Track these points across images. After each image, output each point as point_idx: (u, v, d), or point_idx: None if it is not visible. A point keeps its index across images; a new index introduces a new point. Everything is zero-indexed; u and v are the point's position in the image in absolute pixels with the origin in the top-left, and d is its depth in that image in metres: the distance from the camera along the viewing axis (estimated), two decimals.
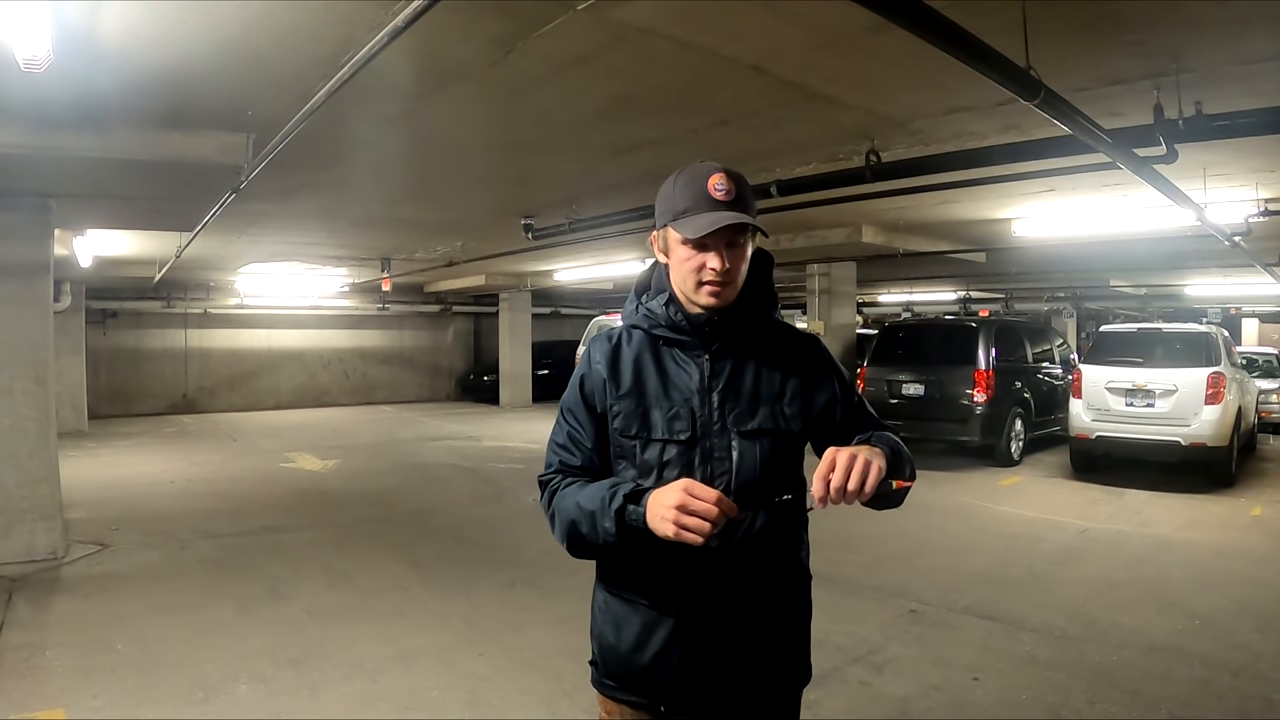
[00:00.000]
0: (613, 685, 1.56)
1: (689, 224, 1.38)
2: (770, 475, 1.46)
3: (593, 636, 1.61)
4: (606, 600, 1.57)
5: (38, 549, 5.23)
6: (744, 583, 1.46)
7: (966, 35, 2.31)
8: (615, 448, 1.51)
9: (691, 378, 1.48)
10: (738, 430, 1.46)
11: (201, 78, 3.63)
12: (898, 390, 9.62)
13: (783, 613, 1.53)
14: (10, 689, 3.35)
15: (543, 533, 6.48)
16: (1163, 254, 9.91)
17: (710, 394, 1.47)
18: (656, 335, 1.51)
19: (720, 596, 1.45)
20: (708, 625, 1.46)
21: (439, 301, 17.85)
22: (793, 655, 1.56)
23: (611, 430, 1.50)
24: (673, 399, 1.47)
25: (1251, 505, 7.19)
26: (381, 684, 3.48)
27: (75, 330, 12.23)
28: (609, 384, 1.50)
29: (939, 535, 6.15)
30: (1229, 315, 17.90)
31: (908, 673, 3.63)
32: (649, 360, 1.51)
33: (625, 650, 1.51)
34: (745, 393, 1.48)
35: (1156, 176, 4.03)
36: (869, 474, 1.27)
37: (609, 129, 4.66)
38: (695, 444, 1.46)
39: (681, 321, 1.48)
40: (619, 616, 1.53)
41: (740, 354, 1.49)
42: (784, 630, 1.54)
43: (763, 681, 1.51)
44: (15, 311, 5.33)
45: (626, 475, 1.48)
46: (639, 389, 1.49)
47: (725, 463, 1.45)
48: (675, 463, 1.45)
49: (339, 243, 9.91)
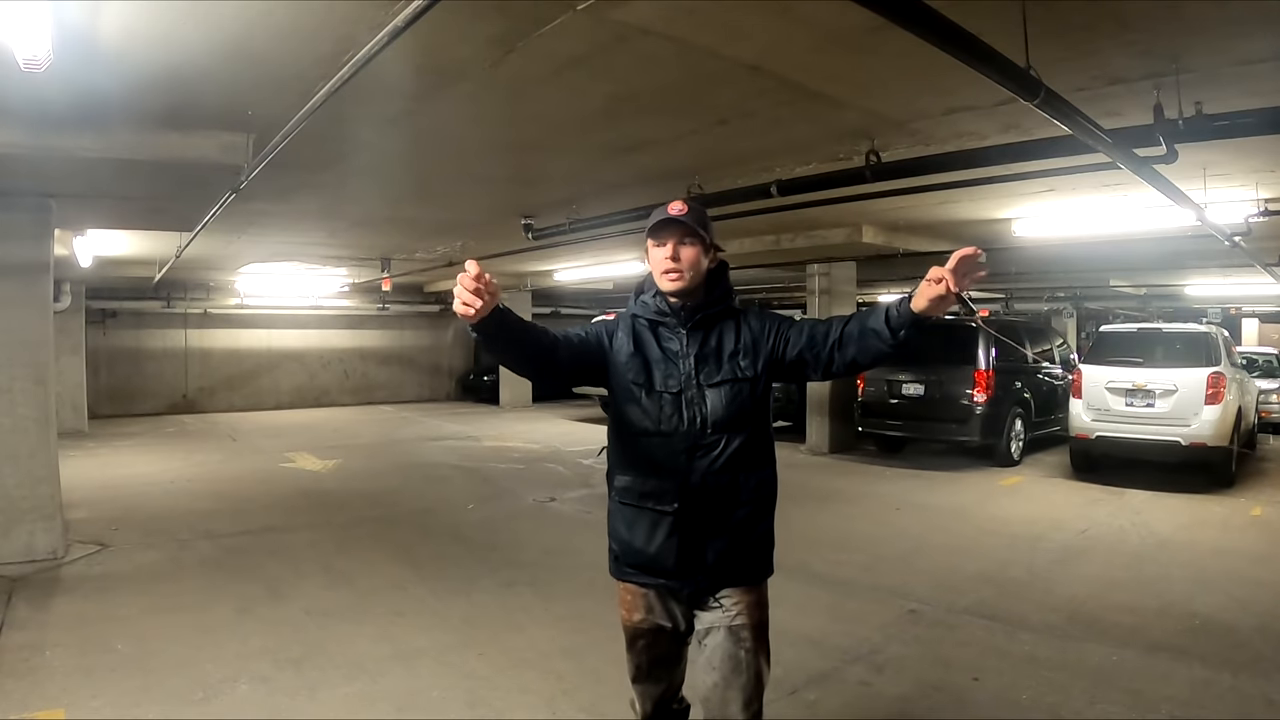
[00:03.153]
0: (631, 571, 2.13)
1: (651, 229, 2.08)
2: (733, 413, 2.04)
3: (610, 536, 2.18)
4: (620, 508, 2.14)
5: (38, 549, 5.23)
6: (721, 491, 2.04)
7: (966, 35, 2.31)
8: (623, 392, 2.10)
9: (677, 347, 2.09)
10: (707, 383, 2.06)
11: (201, 78, 3.63)
12: (898, 390, 9.62)
13: (754, 512, 2.08)
14: (10, 689, 3.35)
15: (543, 533, 6.49)
16: (1163, 254, 9.90)
17: (689, 358, 2.07)
18: (650, 319, 2.13)
19: (705, 502, 2.03)
20: (696, 523, 2.03)
21: (439, 301, 17.83)
22: (758, 549, 2.12)
23: (624, 380, 2.09)
24: (665, 362, 2.08)
25: (1251, 505, 7.19)
26: (381, 684, 3.48)
27: (75, 330, 12.23)
28: (623, 344, 2.11)
29: (939, 535, 6.15)
30: (1229, 315, 17.87)
31: (908, 673, 3.63)
32: (649, 336, 2.12)
33: (638, 544, 2.09)
34: (711, 355, 2.08)
35: (1156, 176, 4.03)
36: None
37: (609, 129, 4.66)
38: (681, 393, 2.05)
39: (664, 307, 2.11)
40: (630, 520, 2.10)
41: (707, 329, 2.10)
42: (755, 524, 2.09)
43: (735, 565, 2.07)
44: (15, 311, 5.33)
45: (633, 413, 2.08)
46: (643, 354, 2.10)
47: (702, 406, 2.05)
48: (668, 406, 2.05)
49: (339, 243, 9.91)
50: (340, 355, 17.71)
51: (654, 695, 2.21)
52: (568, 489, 8.01)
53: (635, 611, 2.14)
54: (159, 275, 10.98)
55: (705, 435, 2.03)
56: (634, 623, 2.15)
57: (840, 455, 10.20)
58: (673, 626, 2.12)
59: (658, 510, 2.05)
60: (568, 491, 7.88)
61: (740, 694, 2.01)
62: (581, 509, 7.12)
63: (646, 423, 2.06)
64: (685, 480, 2.02)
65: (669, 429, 2.04)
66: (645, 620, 2.13)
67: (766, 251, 9.39)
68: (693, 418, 2.03)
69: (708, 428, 2.03)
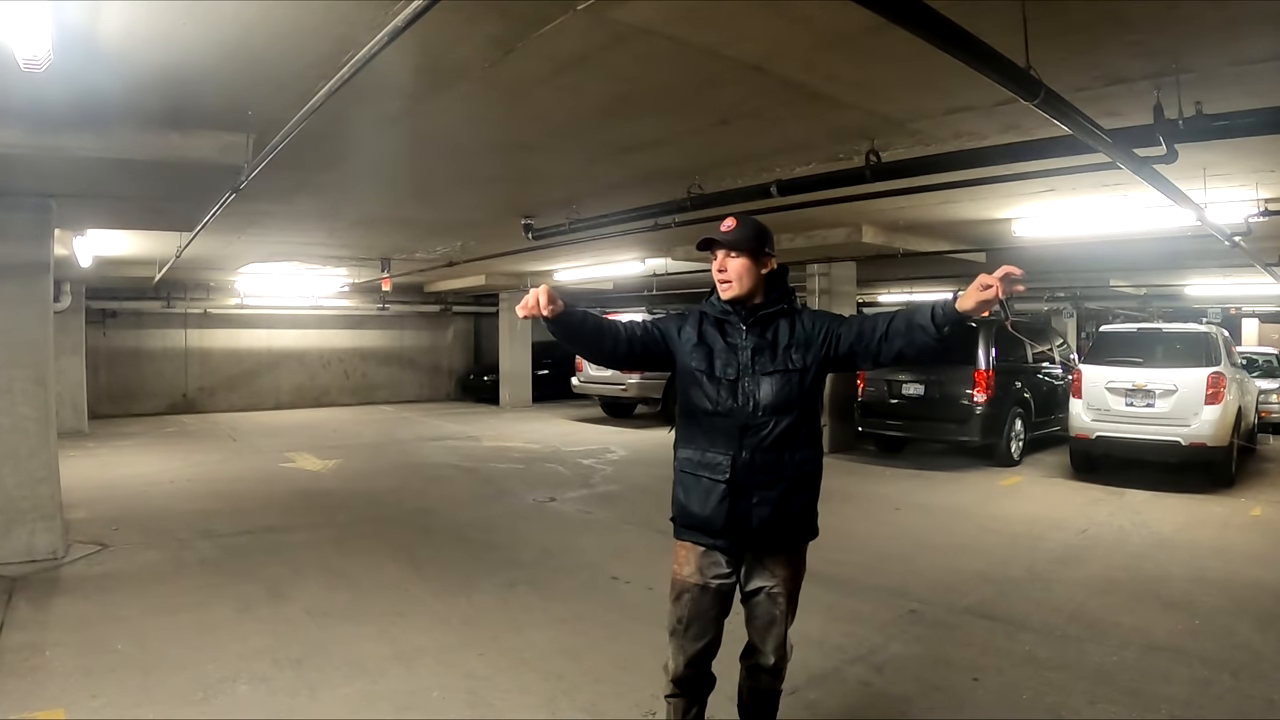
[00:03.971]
0: (686, 531, 2.43)
1: (700, 245, 2.48)
2: (782, 399, 2.35)
3: (673, 502, 2.48)
4: (681, 476, 2.44)
5: (38, 549, 5.23)
6: (768, 466, 2.34)
7: (966, 35, 2.31)
8: (688, 376, 2.42)
9: (737, 340, 2.41)
10: (760, 372, 2.37)
11: (201, 78, 3.63)
12: (898, 390, 9.62)
13: (795, 486, 2.37)
14: (10, 689, 3.35)
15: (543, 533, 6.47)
16: (1163, 254, 9.91)
17: (747, 349, 2.39)
18: (717, 316, 2.46)
19: (753, 474, 2.33)
20: (744, 493, 2.33)
21: (439, 301, 17.85)
22: (802, 516, 2.42)
23: (689, 366, 2.42)
24: (727, 352, 2.40)
25: (1251, 505, 7.19)
26: (381, 684, 3.48)
27: (75, 330, 12.22)
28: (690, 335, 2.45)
29: (939, 535, 6.15)
30: (1229, 315, 17.86)
31: (908, 673, 3.63)
32: (714, 330, 2.45)
33: (694, 508, 2.40)
34: (766, 348, 2.39)
35: (1156, 176, 4.03)
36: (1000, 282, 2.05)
37: (609, 129, 4.66)
38: (738, 380, 2.37)
39: (728, 308, 2.44)
40: (688, 487, 2.41)
41: (764, 326, 2.42)
42: (795, 497, 2.38)
43: (777, 532, 2.38)
44: (15, 311, 5.32)
45: (695, 395, 2.40)
46: (707, 344, 2.43)
47: (755, 392, 2.36)
48: (725, 390, 2.37)
49: (339, 243, 9.91)
50: (340, 355, 17.71)
51: (689, 652, 2.44)
52: (568, 489, 8.01)
53: (685, 566, 2.43)
54: (159, 275, 10.98)
55: (756, 417, 2.34)
56: (683, 577, 2.43)
57: (840, 455, 10.19)
58: (717, 586, 2.40)
59: (712, 479, 2.35)
60: (568, 491, 7.88)
61: (773, 641, 2.45)
62: (582, 509, 7.12)
63: (706, 403, 2.38)
64: (737, 455, 2.33)
65: (725, 409, 2.36)
66: (694, 575, 2.41)
67: None
68: (746, 401, 2.35)
69: (759, 410, 2.34)
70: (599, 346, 2.41)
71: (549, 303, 2.18)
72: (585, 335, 2.37)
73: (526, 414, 15.47)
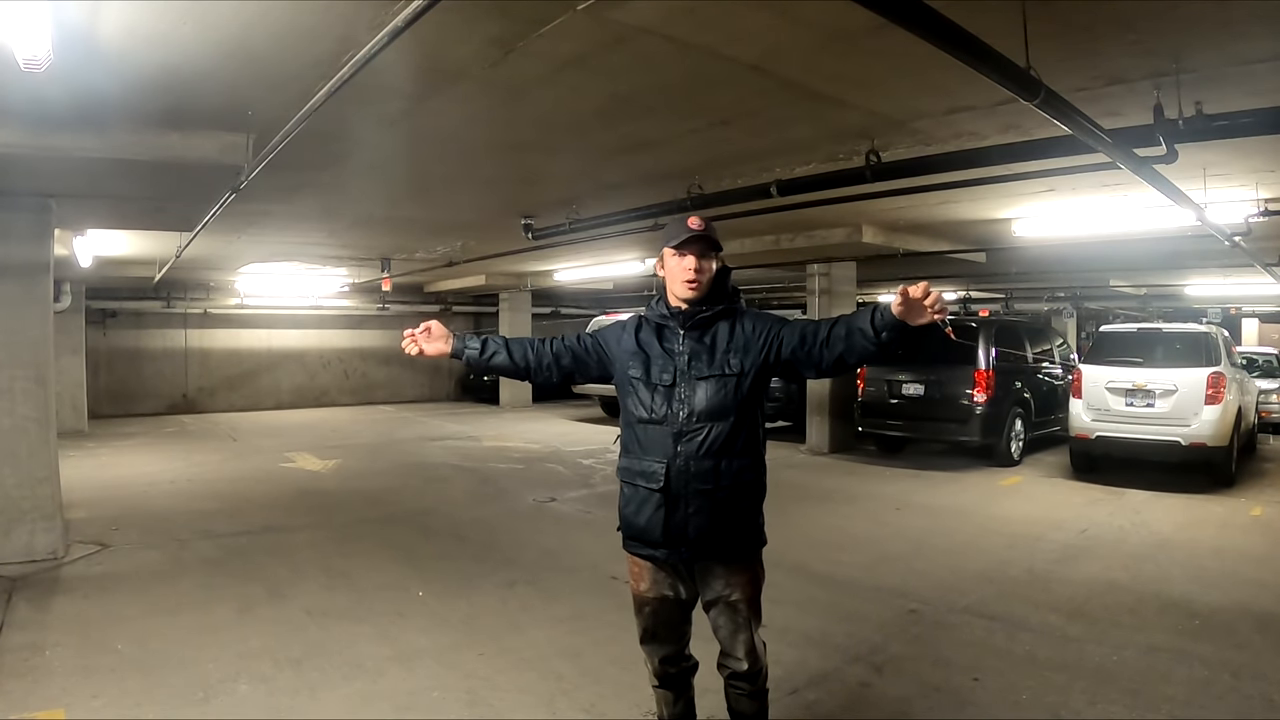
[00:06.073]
0: (630, 542, 2.43)
1: (677, 241, 2.32)
2: (716, 405, 2.29)
3: (619, 513, 2.45)
4: (622, 486, 2.42)
5: (38, 549, 5.22)
6: (703, 474, 2.29)
7: (967, 35, 2.31)
8: (625, 384, 2.40)
9: (674, 345, 2.37)
10: (696, 376, 2.32)
11: (201, 78, 3.63)
12: (898, 390, 9.61)
13: (733, 495, 2.31)
14: (10, 689, 3.35)
15: (543, 533, 6.47)
16: (1163, 254, 9.90)
17: (684, 354, 2.35)
18: (656, 322, 2.42)
19: (687, 482, 2.29)
20: (680, 501, 2.29)
21: (439, 301, 17.82)
22: (743, 525, 2.36)
23: (625, 374, 2.40)
24: (664, 358, 2.36)
25: (1251, 505, 7.19)
26: (381, 684, 3.48)
27: (75, 330, 12.21)
28: (628, 342, 2.43)
29: (939, 535, 6.15)
30: (1229, 315, 17.84)
31: (908, 673, 3.63)
32: (652, 335, 2.41)
33: (632, 518, 2.39)
34: (704, 352, 2.34)
35: (1156, 176, 4.03)
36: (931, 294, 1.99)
37: (609, 129, 4.66)
38: (673, 386, 2.32)
39: (667, 312, 2.39)
40: (629, 497, 2.39)
41: (704, 329, 2.36)
42: (733, 507, 2.32)
43: (716, 542, 2.32)
44: (15, 311, 5.32)
45: (631, 403, 2.38)
46: (645, 351, 2.40)
47: (690, 398, 2.31)
48: (660, 396, 2.33)
49: (339, 243, 9.91)
50: (340, 355, 17.71)
51: (660, 654, 2.51)
52: (568, 489, 8.01)
53: (640, 581, 2.45)
54: (159, 275, 10.98)
55: (690, 423, 2.29)
56: (640, 591, 2.45)
57: (840, 455, 10.20)
58: (674, 595, 2.42)
59: (648, 488, 2.32)
60: (568, 491, 7.88)
61: (742, 646, 2.40)
62: (581, 509, 7.12)
63: (641, 410, 2.35)
64: (671, 462, 2.29)
65: (659, 416, 2.33)
66: (650, 589, 2.43)
67: (766, 251, 9.39)
68: (680, 407, 2.31)
69: (693, 416, 2.29)
70: (522, 375, 2.49)
71: (436, 340, 2.41)
72: (499, 366, 2.49)
73: (526, 414, 15.47)
